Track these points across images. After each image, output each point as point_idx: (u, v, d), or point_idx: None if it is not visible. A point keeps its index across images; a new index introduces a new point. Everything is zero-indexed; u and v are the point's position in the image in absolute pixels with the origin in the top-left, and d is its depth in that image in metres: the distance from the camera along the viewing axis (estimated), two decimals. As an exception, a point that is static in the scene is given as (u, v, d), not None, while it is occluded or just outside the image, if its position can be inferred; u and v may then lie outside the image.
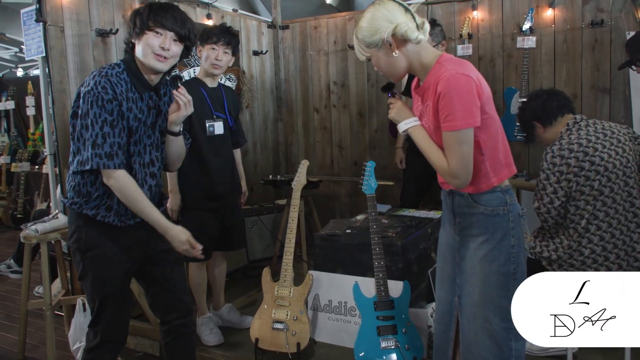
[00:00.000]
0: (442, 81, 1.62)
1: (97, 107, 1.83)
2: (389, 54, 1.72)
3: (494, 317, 1.74)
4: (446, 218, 1.92)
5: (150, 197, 2.04)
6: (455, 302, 1.85)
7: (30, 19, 3.24)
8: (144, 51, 1.91)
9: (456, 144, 1.64)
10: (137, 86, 1.96)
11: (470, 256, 1.78)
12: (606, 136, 2.54)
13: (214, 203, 2.94)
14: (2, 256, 5.10)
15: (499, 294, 1.73)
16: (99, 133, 1.83)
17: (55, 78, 3.19)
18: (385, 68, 1.77)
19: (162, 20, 1.90)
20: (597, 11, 3.83)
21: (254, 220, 4.24)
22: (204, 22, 4.16)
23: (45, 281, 2.89)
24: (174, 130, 2.08)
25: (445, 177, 1.72)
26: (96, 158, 1.83)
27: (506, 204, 1.76)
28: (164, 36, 1.91)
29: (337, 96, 4.90)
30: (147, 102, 1.99)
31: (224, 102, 3.01)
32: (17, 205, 6.24)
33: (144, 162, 2.02)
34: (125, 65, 1.96)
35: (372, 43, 1.72)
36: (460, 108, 1.61)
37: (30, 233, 2.90)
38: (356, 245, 2.89)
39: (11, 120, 6.89)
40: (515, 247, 1.75)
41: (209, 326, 3.02)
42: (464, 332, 1.80)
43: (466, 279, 1.79)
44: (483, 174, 1.74)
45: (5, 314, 3.74)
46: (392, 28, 1.67)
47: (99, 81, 1.86)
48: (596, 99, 3.91)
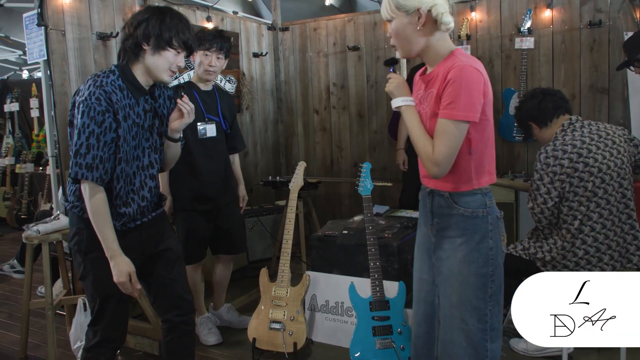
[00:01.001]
0: (454, 69, 1.63)
1: (88, 117, 1.84)
2: (414, 26, 1.69)
3: (471, 318, 1.75)
4: (422, 219, 1.92)
5: (150, 199, 2.08)
6: (436, 302, 1.86)
7: (32, 23, 3.28)
8: (161, 66, 1.95)
9: (448, 133, 1.64)
10: (133, 91, 1.97)
11: (447, 257, 1.79)
12: (601, 137, 2.55)
13: (204, 205, 2.96)
14: (7, 256, 5.16)
15: (477, 295, 1.75)
16: (84, 143, 1.84)
17: (56, 81, 3.23)
18: (402, 39, 1.74)
19: (188, 42, 1.96)
20: (595, 12, 3.84)
21: (254, 221, 4.27)
22: (203, 24, 4.19)
23: (46, 281, 2.93)
24: (175, 137, 2.12)
25: (426, 163, 1.70)
26: (76, 167, 1.85)
27: (485, 207, 1.77)
28: (181, 55, 1.97)
29: (337, 97, 4.93)
30: (142, 106, 2.02)
31: (218, 105, 3.03)
32: (21, 206, 6.29)
33: (143, 165, 2.05)
34: (119, 71, 1.97)
35: (404, 6, 1.68)
36: (464, 99, 1.62)
37: (32, 234, 2.94)
38: (352, 246, 2.92)
39: (16, 122, 6.94)
40: (494, 249, 1.76)
41: (207, 326, 3.06)
42: (441, 332, 1.82)
43: (443, 280, 1.80)
44: (466, 173, 1.74)
45: (8, 313, 3.78)
46: (431, 4, 1.67)
47: (94, 92, 1.87)
48: (595, 100, 3.92)
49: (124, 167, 1.96)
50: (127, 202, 2.01)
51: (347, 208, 4.98)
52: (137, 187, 2.03)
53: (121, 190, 1.98)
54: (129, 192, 2.01)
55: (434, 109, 1.70)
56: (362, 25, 4.69)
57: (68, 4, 3.28)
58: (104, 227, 1.90)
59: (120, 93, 1.93)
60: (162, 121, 2.11)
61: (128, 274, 1.92)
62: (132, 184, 2.02)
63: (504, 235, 1.84)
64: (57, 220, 3.06)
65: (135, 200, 2.03)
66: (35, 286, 3.81)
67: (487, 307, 1.76)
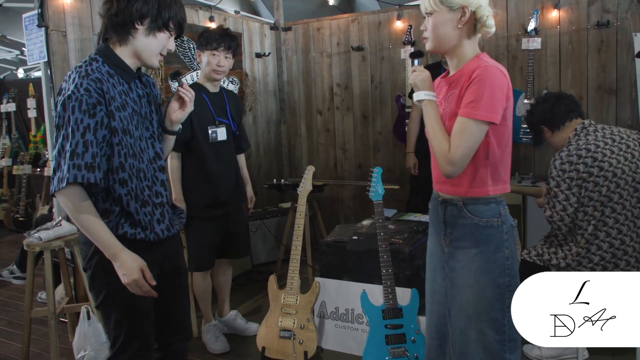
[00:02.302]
0: (480, 69, 1.60)
1: (80, 112, 1.61)
2: (454, 23, 1.66)
3: (489, 330, 1.71)
4: (434, 229, 1.88)
5: (164, 195, 1.88)
6: (447, 314, 1.82)
7: (32, 24, 3.21)
8: (154, 48, 1.77)
9: (467, 132, 1.60)
10: (124, 76, 1.77)
11: (461, 269, 1.75)
12: (615, 141, 2.51)
13: (217, 211, 2.91)
14: (6, 260, 5.08)
15: (494, 306, 1.71)
16: (80, 141, 1.61)
17: (57, 83, 3.17)
18: (438, 34, 1.70)
19: (183, 24, 1.80)
20: (603, 12, 3.80)
21: (258, 224, 4.21)
22: (206, 24, 4.12)
23: (49, 290, 2.86)
24: (175, 130, 1.95)
25: (441, 161, 1.65)
26: (74, 170, 1.60)
27: (500, 216, 1.72)
28: (172, 38, 1.82)
29: (341, 98, 4.87)
30: (135, 91, 1.83)
31: (227, 107, 2.97)
32: (19, 208, 6.21)
33: (150, 158, 1.84)
34: (102, 57, 1.74)
35: (449, 2, 1.65)
36: (487, 99, 1.58)
37: (34, 241, 2.87)
38: (363, 252, 2.87)
39: (12, 123, 6.86)
40: (510, 259, 1.72)
41: (214, 334, 3.01)
42: (455, 344, 1.78)
43: (458, 291, 1.76)
44: (482, 179, 1.70)
45: (8, 320, 3.71)
46: (477, 5, 1.65)
47: (81, 83, 1.64)
48: (602, 101, 3.88)
49: (132, 162, 1.75)
50: (145, 202, 1.80)
51: (352, 210, 4.93)
52: (150, 182, 1.83)
53: (137, 188, 1.77)
54: (144, 188, 1.80)
55: (455, 109, 1.66)
56: (366, 25, 4.63)
57: (69, 5, 3.21)
58: (96, 228, 1.66)
59: (111, 79, 1.72)
60: (157, 109, 1.92)
61: (140, 269, 1.68)
62: (147, 179, 1.81)
63: (518, 243, 1.80)
64: (59, 227, 2.99)
65: (150, 198, 1.82)
66: (35, 292, 3.73)
67: (505, 318, 1.71)
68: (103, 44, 1.77)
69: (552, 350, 2.69)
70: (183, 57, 3.88)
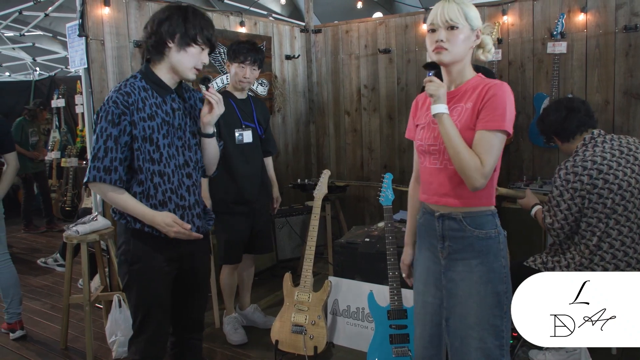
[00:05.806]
0: (496, 86, 1.73)
1: (106, 121, 1.90)
2: (470, 41, 1.81)
3: (489, 336, 1.79)
4: (427, 243, 1.93)
5: (188, 199, 2.09)
6: (443, 324, 1.89)
7: (73, 33, 3.46)
8: (186, 63, 1.99)
9: (495, 146, 1.70)
10: (158, 91, 2.01)
11: (462, 279, 1.82)
12: (622, 153, 2.52)
13: (243, 207, 3.11)
14: (54, 248, 5.47)
15: (494, 313, 1.78)
16: (102, 147, 1.89)
17: (96, 88, 3.41)
18: (456, 47, 1.79)
19: (211, 38, 2.01)
20: (632, 15, 3.75)
21: (283, 221, 4.38)
22: (237, 30, 4.30)
23: (85, 278, 3.12)
24: (209, 132, 2.12)
25: (474, 174, 1.68)
26: (94, 171, 1.90)
27: (496, 227, 1.81)
28: (205, 52, 2.02)
29: (368, 99, 4.98)
30: (170, 104, 2.05)
31: (253, 112, 3.18)
32: (66, 199, 6.62)
33: (179, 164, 2.05)
34: (141, 75, 2.02)
35: (472, 22, 1.78)
36: (508, 112, 1.71)
37: (72, 234, 3.13)
38: (373, 254, 2.99)
39: (62, 117, 7.27)
40: (505, 267, 1.81)
41: (234, 326, 3.20)
42: (456, 353, 1.85)
43: (459, 301, 1.82)
44: (488, 189, 1.79)
45: (51, 304, 4.03)
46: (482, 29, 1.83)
47: (112, 96, 1.92)
48: (629, 105, 3.84)
49: (148, 166, 1.97)
50: (163, 202, 2.02)
51: (377, 209, 5.03)
52: (175, 185, 2.04)
53: (157, 189, 2.00)
54: (167, 190, 2.02)
55: (468, 122, 1.75)
56: (393, 28, 4.71)
57: (107, 15, 3.44)
58: (130, 204, 1.95)
59: (144, 93, 1.97)
60: (194, 121, 2.13)
61: (171, 218, 1.96)
62: (170, 183, 2.03)
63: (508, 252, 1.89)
64: (95, 222, 3.24)
65: (172, 200, 2.03)
66: (75, 278, 4.04)
67: (504, 324, 1.80)
68: (145, 64, 2.04)
69: (557, 355, 2.75)
70: (213, 61, 4.07)
